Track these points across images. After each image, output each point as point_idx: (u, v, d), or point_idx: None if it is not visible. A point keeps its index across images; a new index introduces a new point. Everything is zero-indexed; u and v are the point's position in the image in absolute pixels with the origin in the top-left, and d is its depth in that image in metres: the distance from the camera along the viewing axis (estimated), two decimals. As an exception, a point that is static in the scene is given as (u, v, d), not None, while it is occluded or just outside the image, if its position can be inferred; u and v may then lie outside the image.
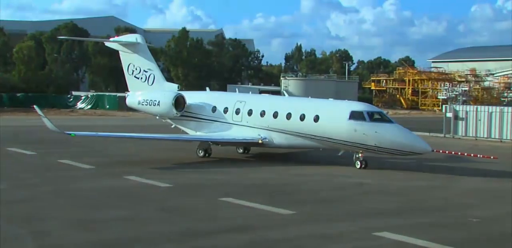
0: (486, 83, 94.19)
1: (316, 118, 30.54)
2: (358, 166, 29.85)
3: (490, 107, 54.50)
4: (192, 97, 36.43)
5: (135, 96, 38.76)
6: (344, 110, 29.87)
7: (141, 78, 39.45)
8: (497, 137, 49.05)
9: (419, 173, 29.70)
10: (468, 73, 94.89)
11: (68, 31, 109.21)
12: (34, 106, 33.32)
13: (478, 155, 31.50)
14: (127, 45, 39.80)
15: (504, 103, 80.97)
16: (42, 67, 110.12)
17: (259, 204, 20.90)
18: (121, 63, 40.79)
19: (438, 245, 16.15)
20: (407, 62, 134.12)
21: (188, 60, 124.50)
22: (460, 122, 52.14)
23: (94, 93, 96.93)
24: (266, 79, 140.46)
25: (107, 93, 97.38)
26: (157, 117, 38.56)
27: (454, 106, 56.45)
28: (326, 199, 22.79)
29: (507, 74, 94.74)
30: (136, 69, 39.70)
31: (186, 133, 36.50)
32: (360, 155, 29.90)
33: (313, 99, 36.98)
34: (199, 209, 20.31)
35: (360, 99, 79.76)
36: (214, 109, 35.08)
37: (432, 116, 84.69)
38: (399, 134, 28.60)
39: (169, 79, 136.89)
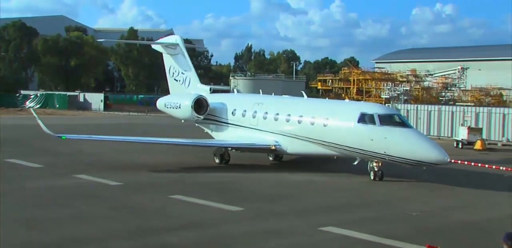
0: (426, 83, 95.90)
1: (325, 122, 27.36)
2: (372, 177, 25.86)
3: (429, 106, 55.78)
4: (216, 100, 34.21)
5: (163, 99, 37.02)
6: (354, 113, 26.16)
7: (180, 80, 38.17)
8: (435, 134, 50.11)
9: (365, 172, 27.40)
10: (409, 73, 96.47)
11: (16, 29, 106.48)
12: (31, 108, 32.33)
13: (501, 168, 25.78)
14: (168, 46, 38.63)
15: (442, 102, 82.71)
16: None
17: (209, 201, 20.87)
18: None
19: (380, 238, 16.45)
20: (352, 62, 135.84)
21: (138, 60, 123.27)
22: (401, 120, 53.01)
23: (44, 92, 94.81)
24: (215, 78, 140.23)
25: (57, 92, 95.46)
26: (182, 121, 36.36)
27: (396, 105, 57.48)
28: (275, 196, 22.85)
29: (445, 75, 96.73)
30: (175, 71, 38.54)
31: (212, 137, 34.49)
32: (374, 164, 25.81)
33: (327, 101, 35.02)
34: (149, 207, 20.15)
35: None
36: (233, 112, 32.68)
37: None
38: (412, 141, 24.36)
39: (119, 78, 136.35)
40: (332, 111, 28.03)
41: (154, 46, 41.91)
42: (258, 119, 30.93)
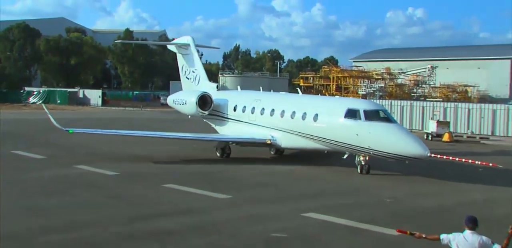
0: (399, 81, 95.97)
1: (315, 117, 26.33)
2: (359, 171, 24.90)
3: (402, 101, 56.07)
4: (220, 96, 33.45)
5: (173, 95, 36.17)
6: (341, 108, 25.13)
7: (190, 78, 37.48)
8: (408, 127, 50.30)
9: (341, 163, 26.95)
10: (384, 71, 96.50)
11: (20, 31, 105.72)
12: (42, 105, 31.68)
13: (476, 162, 23.71)
14: (181, 47, 37.93)
15: (414, 98, 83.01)
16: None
17: (200, 190, 20.79)
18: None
19: (356, 223, 16.51)
20: (332, 61, 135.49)
21: (133, 59, 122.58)
22: (376, 114, 53.12)
23: (46, 89, 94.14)
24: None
25: (58, 89, 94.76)
26: (189, 117, 35.39)
27: (372, 100, 57.58)
28: (262, 184, 22.76)
29: (416, 73, 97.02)
30: (187, 70, 37.81)
31: (216, 131, 33.63)
32: (361, 158, 24.75)
33: (318, 97, 33.77)
34: (144, 195, 20.02)
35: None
36: (235, 108, 31.84)
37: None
38: (394, 136, 23.18)
39: (116, 76, 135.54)
40: (322, 107, 27.03)
41: (169, 47, 41.15)
42: (256, 114, 30.17)
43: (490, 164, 20.20)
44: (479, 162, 21.02)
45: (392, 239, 14.85)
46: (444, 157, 23.32)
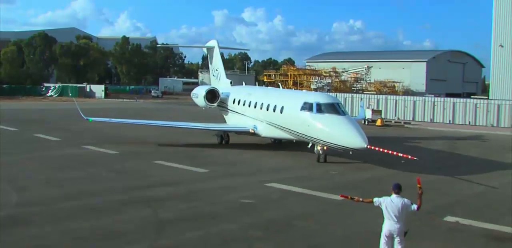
0: (343, 77, 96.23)
1: (281, 110, 24.02)
2: (316, 160, 22.11)
3: (345, 94, 56.32)
4: (226, 90, 31.27)
5: (193, 90, 33.87)
6: (299, 101, 22.51)
7: (215, 75, 35.91)
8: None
9: (299, 147, 25.59)
10: (331, 70, 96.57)
11: (41, 39, 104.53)
12: (74, 99, 29.95)
13: (399, 154, 19.84)
14: (209, 49, 36.25)
15: (354, 91, 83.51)
16: (21, 66, 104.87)
17: (183, 165, 20.56)
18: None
19: (309, 190, 16.52)
20: (290, 61, 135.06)
21: (130, 60, 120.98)
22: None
23: (61, 85, 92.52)
24: (187, 73, 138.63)
25: (70, 85, 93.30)
26: (203, 109, 32.30)
27: (321, 93, 57.54)
28: (234, 162, 22.47)
29: (356, 71, 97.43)
30: (212, 68, 36.31)
31: (224, 120, 31.35)
32: (319, 148, 21.84)
33: (290, 91, 32.13)
34: (138, 169, 19.69)
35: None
36: (234, 101, 29.75)
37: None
38: (337, 128, 20.32)
39: (116, 73, 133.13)
40: (288, 100, 24.23)
41: (204, 50, 38.36)
42: (246, 106, 28.09)
43: (409, 157, 19.57)
44: (402, 155, 20.28)
45: (336, 202, 14.90)
46: (376, 149, 20.64)
